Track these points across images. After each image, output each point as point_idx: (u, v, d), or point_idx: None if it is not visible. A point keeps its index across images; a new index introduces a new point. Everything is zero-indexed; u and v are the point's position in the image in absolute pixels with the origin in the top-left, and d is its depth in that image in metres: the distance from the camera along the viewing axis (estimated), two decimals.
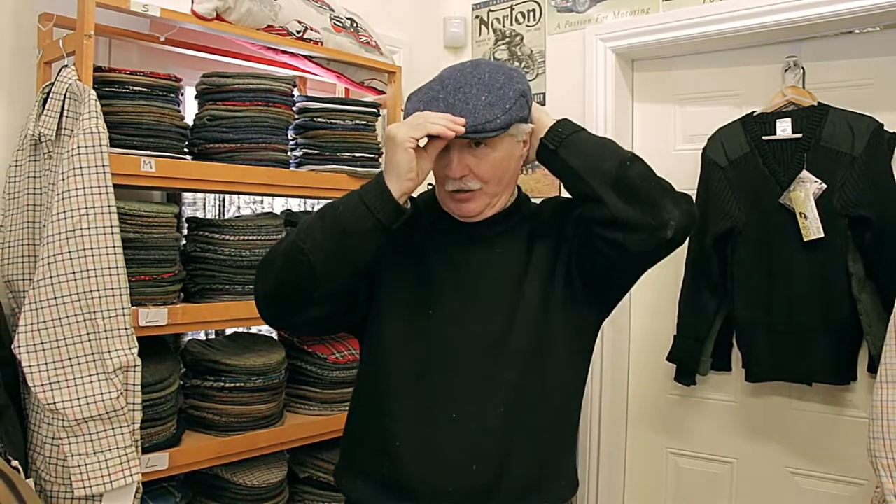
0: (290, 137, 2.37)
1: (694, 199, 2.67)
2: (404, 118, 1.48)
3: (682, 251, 2.75)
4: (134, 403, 1.77)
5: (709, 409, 2.88)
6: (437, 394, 1.49)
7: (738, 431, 2.81)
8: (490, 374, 1.48)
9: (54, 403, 1.67)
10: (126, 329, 1.75)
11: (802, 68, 2.63)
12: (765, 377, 2.61)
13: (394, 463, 1.49)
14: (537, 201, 1.72)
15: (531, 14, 3.15)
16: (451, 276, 1.55)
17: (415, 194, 1.53)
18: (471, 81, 1.46)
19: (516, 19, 3.19)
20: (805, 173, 2.46)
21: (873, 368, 2.42)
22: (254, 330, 2.52)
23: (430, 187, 1.68)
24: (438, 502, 1.45)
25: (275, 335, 2.55)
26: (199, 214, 2.66)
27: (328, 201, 1.49)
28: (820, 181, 2.43)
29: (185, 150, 2.14)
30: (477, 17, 3.31)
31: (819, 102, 2.50)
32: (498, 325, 1.50)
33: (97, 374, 1.71)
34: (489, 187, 1.50)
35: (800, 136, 2.49)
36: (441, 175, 1.52)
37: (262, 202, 2.86)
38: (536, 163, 1.56)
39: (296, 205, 2.86)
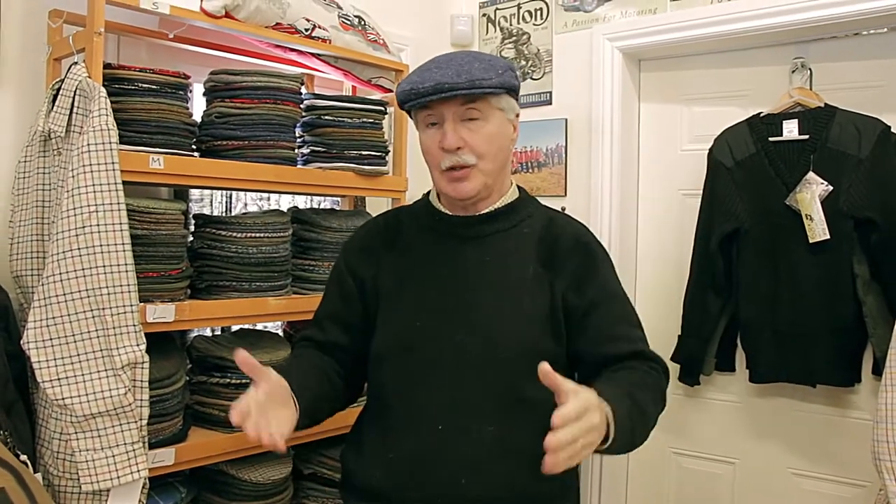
0: (297, 135, 2.37)
1: (700, 199, 2.70)
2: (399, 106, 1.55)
3: (687, 251, 2.76)
4: (141, 400, 1.78)
5: (712, 409, 2.88)
6: (424, 406, 1.50)
7: (741, 432, 2.81)
8: (475, 386, 1.48)
9: (63, 399, 1.68)
10: (134, 326, 1.76)
11: (810, 69, 2.63)
12: (769, 378, 2.61)
13: (385, 473, 1.51)
14: (545, 201, 1.71)
15: (538, 13, 3.15)
16: (437, 285, 1.55)
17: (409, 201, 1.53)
18: (461, 55, 1.51)
19: (523, 18, 3.19)
20: (811, 175, 2.45)
21: (878, 371, 2.43)
22: (259, 327, 2.53)
23: (424, 195, 1.69)
24: None
25: (280, 332, 2.56)
26: (206, 211, 2.67)
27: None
28: (826, 183, 2.43)
29: (193, 147, 2.15)
30: (484, 15, 3.31)
31: (826, 104, 2.50)
32: (484, 337, 1.49)
33: (105, 370, 1.72)
34: (484, 163, 1.50)
35: (806, 137, 2.49)
36: (435, 152, 1.51)
37: (269, 199, 2.87)
38: (542, 160, 1.58)
39: (302, 202, 2.87)
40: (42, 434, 1.82)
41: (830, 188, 2.42)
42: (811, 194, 2.44)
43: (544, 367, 1.20)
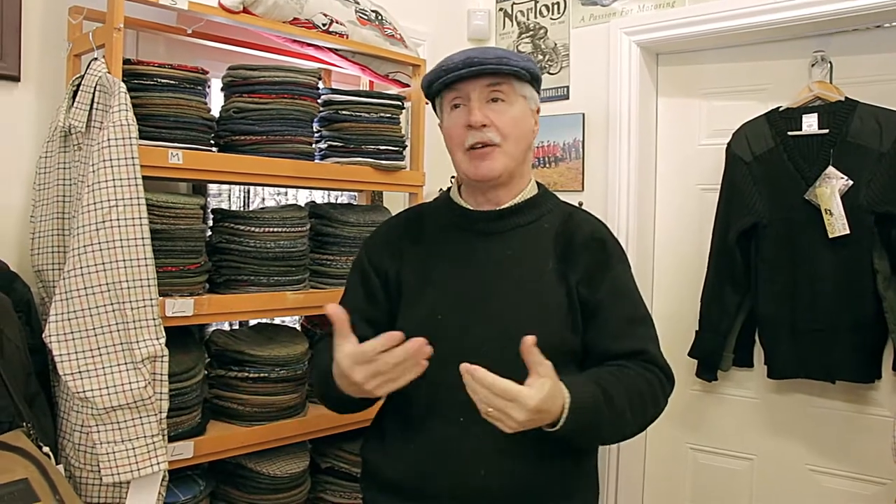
0: (315, 130, 2.37)
1: (718, 194, 2.69)
2: (424, 93, 1.59)
3: (705, 247, 2.75)
4: (161, 393, 1.80)
5: (730, 405, 2.87)
6: (445, 399, 1.50)
7: (759, 428, 2.80)
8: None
9: (84, 392, 1.70)
10: (154, 319, 1.78)
11: (830, 63, 2.61)
12: (787, 374, 2.59)
13: (406, 466, 1.52)
14: (562, 196, 1.71)
15: (555, 7, 3.14)
16: (459, 279, 1.56)
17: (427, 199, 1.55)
18: (487, 48, 1.56)
19: (540, 12, 3.19)
20: (831, 169, 2.44)
21: None
22: (277, 321, 2.54)
23: (440, 191, 1.69)
24: None
25: (298, 326, 2.57)
26: (224, 206, 2.68)
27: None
28: (846, 177, 2.41)
29: (212, 142, 2.16)
30: (501, 9, 3.31)
31: (846, 97, 2.48)
32: (505, 331, 1.49)
33: (126, 363, 1.73)
34: (508, 145, 1.53)
35: (826, 131, 2.47)
36: (459, 132, 1.54)
37: (286, 194, 2.88)
38: (559, 155, 1.59)
39: (320, 197, 2.88)
40: (63, 426, 1.84)
41: (850, 183, 2.40)
42: (831, 189, 2.42)
43: (528, 342, 1.27)
